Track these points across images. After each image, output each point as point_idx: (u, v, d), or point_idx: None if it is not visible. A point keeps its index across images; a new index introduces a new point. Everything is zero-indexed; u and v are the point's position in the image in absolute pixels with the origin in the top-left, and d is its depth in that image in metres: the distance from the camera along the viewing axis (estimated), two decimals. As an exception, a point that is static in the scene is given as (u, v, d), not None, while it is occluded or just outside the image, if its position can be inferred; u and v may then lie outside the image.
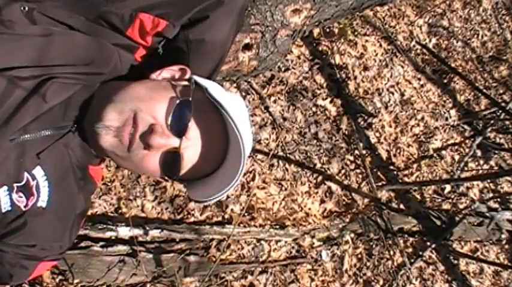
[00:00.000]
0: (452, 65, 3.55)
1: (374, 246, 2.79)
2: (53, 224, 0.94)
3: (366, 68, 3.08)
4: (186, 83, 0.94)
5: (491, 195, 3.43)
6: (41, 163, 0.88)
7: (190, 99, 0.87)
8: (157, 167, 0.89)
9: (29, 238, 0.91)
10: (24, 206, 0.88)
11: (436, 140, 3.29)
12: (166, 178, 0.92)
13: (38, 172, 0.89)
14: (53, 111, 0.87)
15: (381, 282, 2.77)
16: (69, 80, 0.87)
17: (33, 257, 0.95)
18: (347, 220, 2.70)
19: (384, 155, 3.00)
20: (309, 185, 2.62)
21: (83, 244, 1.94)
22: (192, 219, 2.24)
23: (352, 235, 2.73)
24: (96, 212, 2.03)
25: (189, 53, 0.99)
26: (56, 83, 0.85)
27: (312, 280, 2.53)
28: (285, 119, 2.63)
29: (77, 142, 0.93)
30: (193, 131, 0.87)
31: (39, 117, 0.86)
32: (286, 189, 2.53)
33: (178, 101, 0.86)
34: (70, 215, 0.96)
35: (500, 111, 3.52)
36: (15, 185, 0.86)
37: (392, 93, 3.16)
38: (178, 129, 0.86)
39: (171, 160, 0.88)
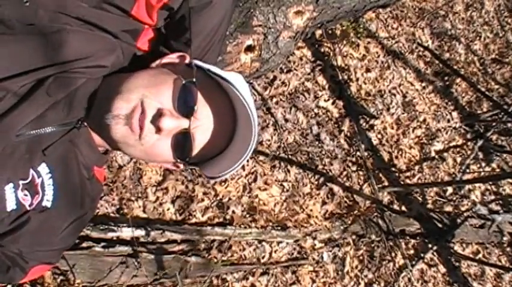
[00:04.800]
0: (455, 67, 3.55)
1: (375, 248, 2.79)
2: (55, 225, 0.93)
3: (368, 70, 3.08)
4: (187, 67, 0.96)
5: (493, 197, 3.43)
6: (46, 160, 0.88)
7: (194, 79, 0.88)
8: (170, 151, 0.90)
9: (29, 238, 0.90)
10: (29, 205, 0.88)
11: (438, 142, 3.29)
12: (179, 161, 0.93)
13: (43, 169, 0.89)
14: (57, 108, 0.88)
15: (382, 284, 2.76)
16: (71, 75, 0.87)
17: (31, 257, 0.94)
18: (348, 222, 2.69)
19: (386, 156, 3.00)
20: (311, 186, 2.62)
21: (84, 245, 1.94)
22: (193, 220, 2.24)
23: (354, 237, 2.72)
24: (98, 212, 2.03)
25: (190, 20, 1.00)
26: (59, 78, 0.85)
27: (313, 281, 2.53)
28: (287, 120, 2.63)
29: (83, 139, 0.93)
30: (201, 110, 0.89)
31: (44, 113, 0.86)
32: (287, 190, 2.53)
33: (182, 83, 0.88)
34: (74, 216, 0.96)
35: (502, 113, 3.52)
36: (20, 182, 0.86)
37: (394, 95, 3.16)
38: (186, 110, 0.87)
39: (182, 142, 0.89)
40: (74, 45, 0.86)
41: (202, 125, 0.89)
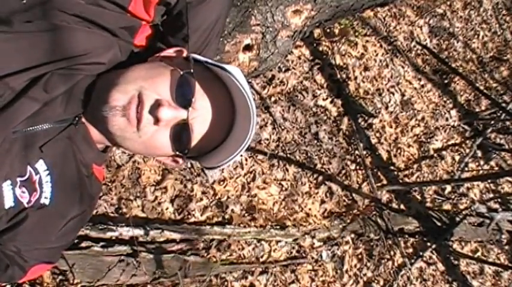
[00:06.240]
0: (453, 65, 3.56)
1: (374, 246, 2.79)
2: (54, 222, 0.93)
3: (366, 69, 3.08)
4: (184, 60, 0.96)
5: (491, 195, 3.43)
6: (43, 157, 0.88)
7: (192, 70, 0.89)
8: (168, 142, 0.90)
9: (27, 235, 0.90)
10: (27, 202, 0.87)
11: (436, 140, 3.29)
12: (178, 153, 0.93)
13: (41, 166, 0.88)
14: (55, 104, 0.87)
15: (381, 282, 2.77)
16: (69, 72, 0.87)
17: (30, 256, 0.93)
18: (347, 221, 2.70)
19: (385, 155, 3.00)
20: (310, 185, 2.62)
21: (83, 244, 1.94)
22: (192, 219, 2.24)
23: (353, 236, 2.73)
24: (97, 212, 2.03)
25: (187, 15, 1.00)
26: (56, 75, 0.85)
27: (313, 280, 2.53)
28: (285, 119, 2.63)
29: (80, 136, 0.92)
30: (199, 101, 0.88)
31: (41, 109, 0.86)
32: (286, 189, 2.53)
33: (180, 74, 0.88)
34: (72, 214, 0.95)
35: (500, 111, 3.52)
36: (18, 179, 0.86)
37: (393, 94, 3.16)
38: (184, 101, 0.87)
39: (181, 133, 0.89)
40: (72, 43, 0.86)
41: (201, 116, 0.89)
